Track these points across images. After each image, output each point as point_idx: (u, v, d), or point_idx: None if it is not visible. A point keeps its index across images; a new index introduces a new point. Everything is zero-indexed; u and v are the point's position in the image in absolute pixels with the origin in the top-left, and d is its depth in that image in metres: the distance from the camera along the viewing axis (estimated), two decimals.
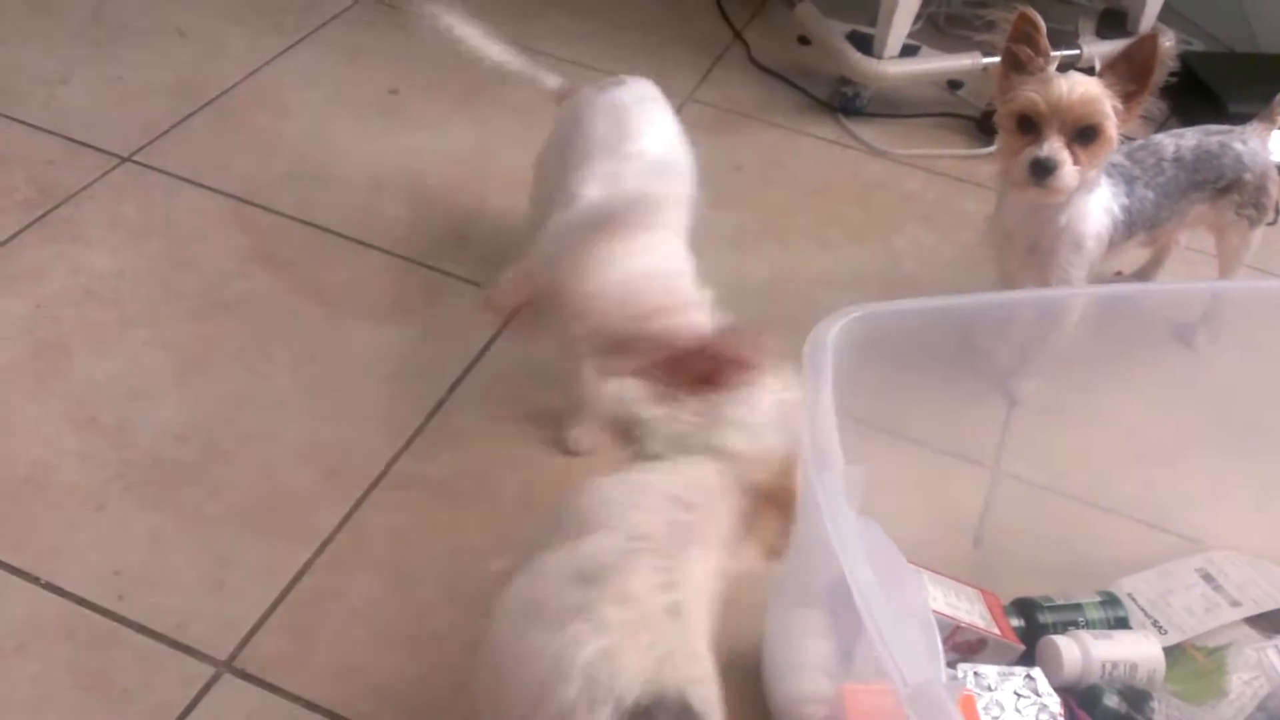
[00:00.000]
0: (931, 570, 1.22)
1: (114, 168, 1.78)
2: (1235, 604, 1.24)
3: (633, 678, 0.80)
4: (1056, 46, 1.41)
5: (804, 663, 1.17)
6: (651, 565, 0.88)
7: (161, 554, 1.26)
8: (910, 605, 0.92)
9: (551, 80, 1.59)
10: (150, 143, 1.83)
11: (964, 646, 1.15)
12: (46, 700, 1.12)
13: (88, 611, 1.19)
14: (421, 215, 1.78)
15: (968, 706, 1.03)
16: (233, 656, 1.18)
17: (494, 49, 1.56)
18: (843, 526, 0.88)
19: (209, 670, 1.16)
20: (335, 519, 1.32)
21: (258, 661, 1.17)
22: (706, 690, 0.84)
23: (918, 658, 0.81)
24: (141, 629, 1.19)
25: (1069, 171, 1.38)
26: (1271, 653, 1.13)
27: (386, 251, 1.70)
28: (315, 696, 1.15)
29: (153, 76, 1.97)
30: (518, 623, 0.87)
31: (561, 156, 1.42)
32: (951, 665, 1.11)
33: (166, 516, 1.30)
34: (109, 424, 1.40)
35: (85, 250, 1.63)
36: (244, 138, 1.88)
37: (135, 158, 1.80)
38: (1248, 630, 1.22)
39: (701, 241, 1.78)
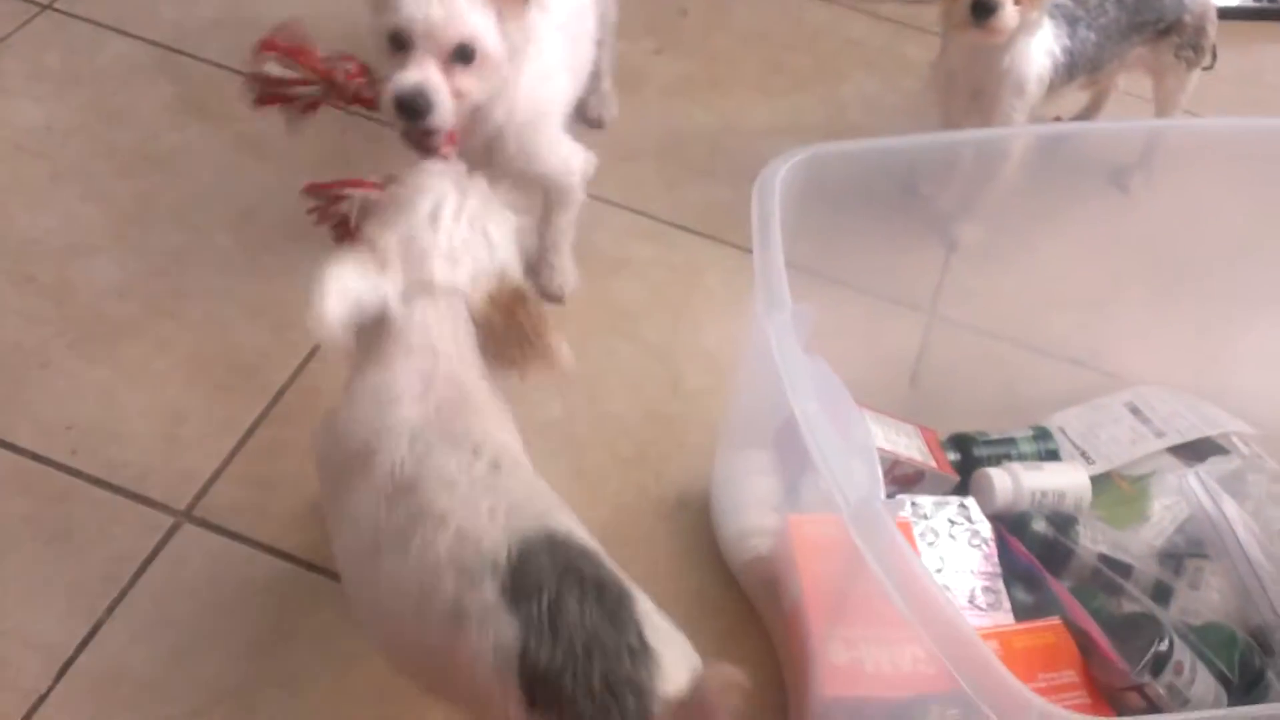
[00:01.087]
0: (873, 409, 1.26)
1: (35, 16, 1.70)
2: (1160, 435, 1.30)
3: (494, 541, 0.81)
4: None
5: (750, 499, 1.21)
6: (448, 444, 0.88)
7: (112, 409, 1.26)
8: (853, 440, 0.95)
9: None
10: None
11: (903, 479, 1.20)
12: (4, 553, 1.14)
13: (42, 466, 1.20)
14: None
15: (905, 532, 1.09)
16: (191, 506, 1.19)
17: None
18: (791, 363, 0.91)
19: (168, 520, 1.18)
20: (287, 373, 1.33)
21: (217, 510, 1.20)
22: (562, 514, 0.86)
23: (860, 483, 0.85)
24: (98, 482, 1.20)
25: (1009, 12, 1.37)
26: (1191, 479, 1.19)
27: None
28: (275, 541, 1.18)
29: None
30: (368, 571, 0.87)
31: None
32: (890, 496, 1.16)
33: (114, 372, 1.30)
34: (48, 281, 1.38)
35: (9, 102, 1.58)
36: None
37: (56, 5, 1.72)
38: (1171, 459, 1.28)
39: (646, 89, 1.76)
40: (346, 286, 0.89)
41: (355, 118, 1.63)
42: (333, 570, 1.16)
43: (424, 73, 1.12)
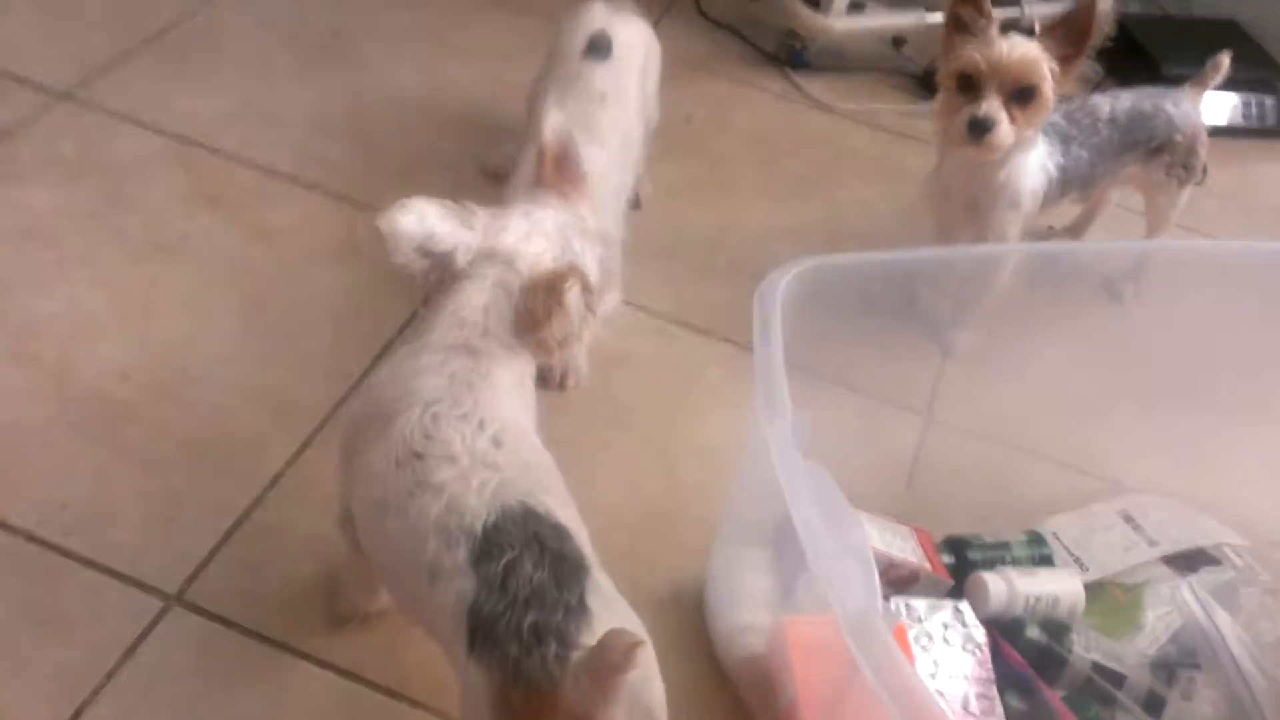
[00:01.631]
0: (868, 511, 1.26)
1: (52, 105, 1.74)
2: (1153, 544, 1.31)
3: (475, 512, 0.89)
4: (999, 5, 1.44)
5: (745, 596, 1.21)
6: (456, 417, 0.95)
7: (108, 490, 1.26)
8: (850, 544, 0.96)
9: None
10: (89, 80, 1.80)
11: (898, 581, 1.20)
12: None
13: (35, 546, 1.20)
14: (368, 158, 1.78)
15: (900, 636, 1.08)
16: (182, 590, 1.19)
17: None
18: (791, 472, 0.92)
19: (158, 603, 1.17)
20: (283, 458, 1.33)
21: (208, 595, 1.19)
22: (545, 495, 0.93)
23: (857, 591, 0.86)
24: (89, 563, 1.19)
25: (1005, 130, 1.41)
26: (1185, 590, 1.19)
27: (333, 193, 1.70)
28: (265, 629, 1.17)
29: (91, 11, 1.93)
30: (376, 522, 0.96)
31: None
32: (886, 598, 1.16)
33: (112, 454, 1.30)
34: (51, 362, 1.39)
35: (23, 189, 1.60)
36: (185, 76, 1.85)
37: (73, 95, 1.77)
38: (1164, 569, 1.28)
39: (652, 191, 1.81)
40: (426, 215, 1.00)
41: (364, 209, 1.67)
42: (321, 658, 1.15)
43: None
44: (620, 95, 1.54)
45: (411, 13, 2.09)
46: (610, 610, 0.86)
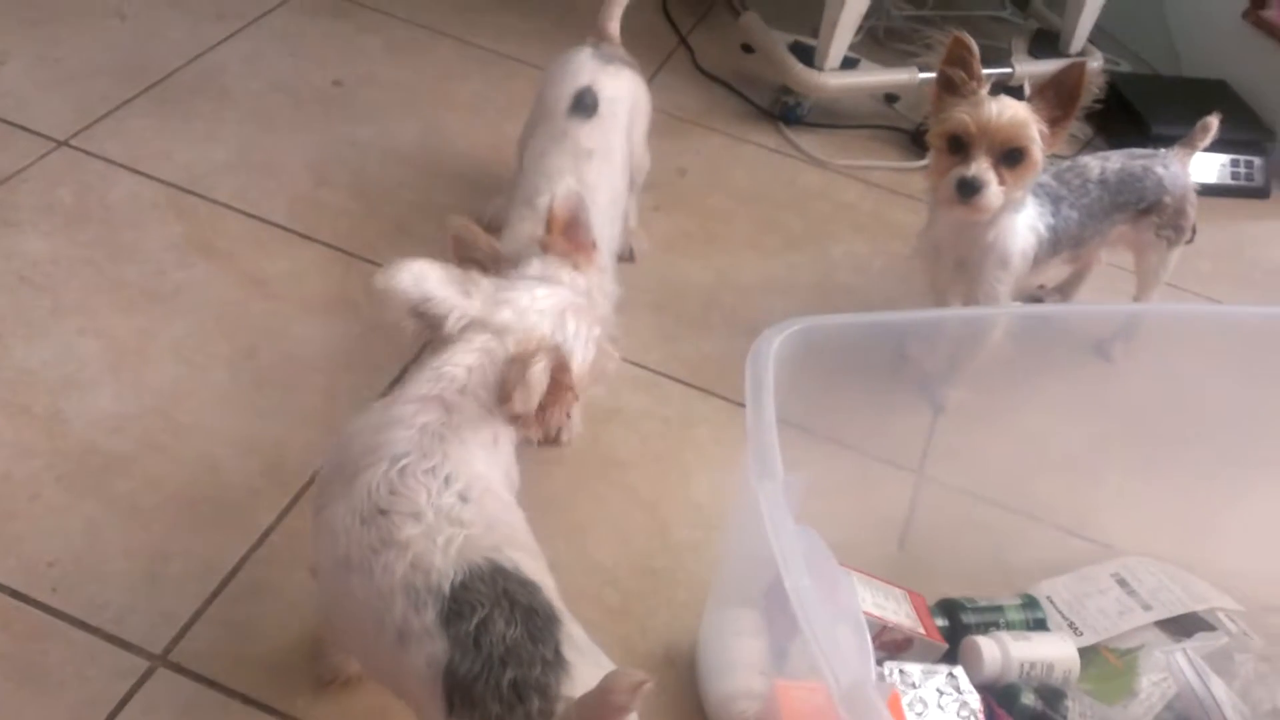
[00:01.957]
0: (862, 571, 1.26)
1: (50, 151, 1.75)
2: (1147, 608, 1.30)
3: (442, 571, 0.88)
4: (990, 64, 1.46)
5: (738, 661, 1.20)
6: (423, 471, 0.95)
7: (96, 546, 1.25)
8: (843, 608, 0.96)
9: None
10: (87, 127, 1.81)
11: (891, 645, 1.19)
12: None
13: (21, 604, 1.18)
14: (365, 209, 1.78)
15: (894, 704, 1.08)
16: (168, 650, 1.17)
17: None
18: (783, 535, 0.92)
19: (143, 664, 1.16)
20: (272, 515, 1.32)
21: (193, 655, 1.17)
22: (512, 550, 0.92)
23: (850, 659, 0.85)
24: (76, 622, 1.18)
25: (994, 191, 1.43)
26: (1179, 656, 1.18)
27: (328, 245, 1.70)
28: (250, 690, 1.16)
29: (91, 59, 1.94)
30: (340, 581, 0.94)
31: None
32: (879, 663, 1.15)
33: (101, 508, 1.29)
34: (41, 413, 1.38)
35: (18, 235, 1.61)
36: (184, 125, 1.86)
37: (72, 142, 1.77)
38: (1158, 633, 1.28)
39: (648, 245, 1.81)
40: (425, 278, 1.00)
41: (359, 261, 1.67)
42: None
43: None
44: (607, 151, 1.54)
45: (411, 65, 2.11)
46: (586, 659, 0.86)
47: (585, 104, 1.54)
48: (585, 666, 0.85)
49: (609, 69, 1.59)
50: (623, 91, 1.59)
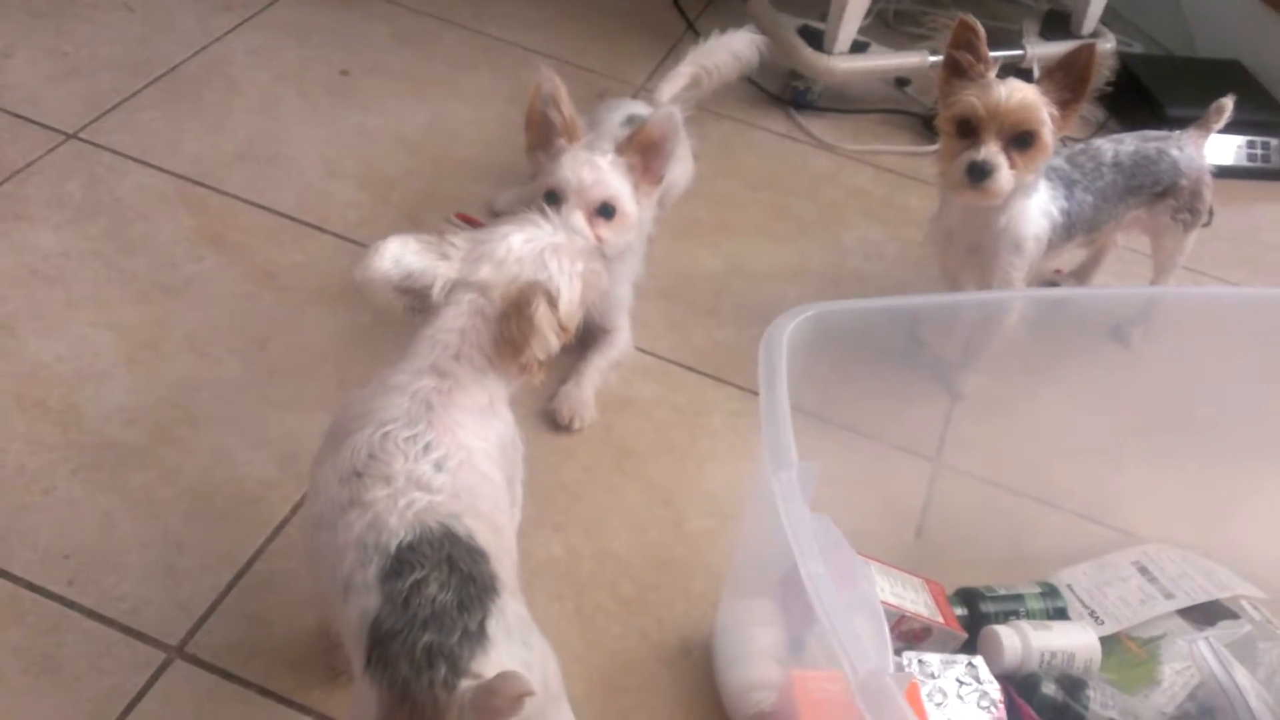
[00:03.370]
0: (879, 561, 1.25)
1: (58, 145, 1.74)
2: (1169, 596, 1.29)
3: (394, 530, 0.89)
4: (1000, 46, 1.44)
5: (754, 650, 1.19)
6: (404, 438, 0.96)
7: (112, 538, 1.25)
8: (860, 597, 0.94)
9: None
10: (96, 119, 1.80)
11: (909, 634, 1.18)
12: None
13: (38, 596, 1.18)
14: (374, 199, 1.78)
15: (912, 694, 1.07)
16: (184, 642, 1.17)
17: None
18: (798, 523, 0.91)
19: (160, 656, 1.16)
20: (287, 507, 1.32)
21: (209, 648, 1.17)
22: (472, 519, 0.92)
23: (867, 648, 0.84)
24: (92, 614, 1.18)
25: (1005, 175, 1.41)
26: (1202, 645, 1.17)
27: (338, 235, 1.70)
28: (267, 682, 1.15)
29: (99, 51, 1.94)
30: (312, 539, 0.97)
31: None
32: (897, 653, 1.14)
33: (117, 500, 1.29)
34: (56, 406, 1.38)
35: (29, 229, 1.60)
36: (192, 117, 1.86)
37: (80, 135, 1.77)
38: (1180, 622, 1.27)
39: (655, 232, 1.80)
40: (403, 254, 1.01)
41: (366, 250, 1.66)
42: (322, 711, 1.14)
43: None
44: None
45: (419, 54, 2.10)
46: (513, 639, 0.86)
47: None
48: (508, 646, 0.84)
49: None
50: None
